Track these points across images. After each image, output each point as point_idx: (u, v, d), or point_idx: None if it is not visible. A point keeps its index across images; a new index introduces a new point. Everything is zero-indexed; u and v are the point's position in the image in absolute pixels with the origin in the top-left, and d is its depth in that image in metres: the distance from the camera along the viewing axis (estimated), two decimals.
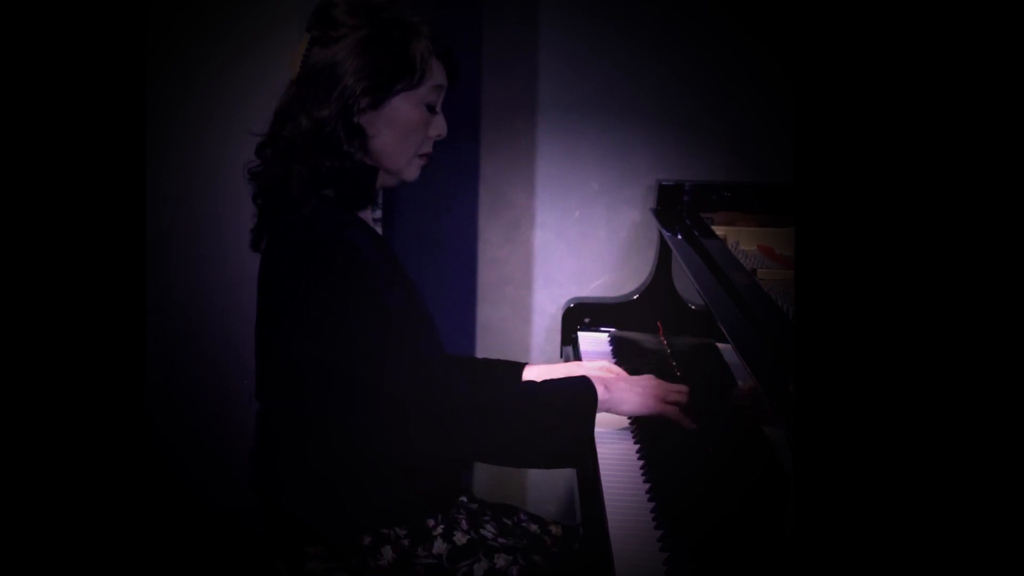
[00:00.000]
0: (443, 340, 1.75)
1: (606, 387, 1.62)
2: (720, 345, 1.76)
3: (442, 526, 1.60)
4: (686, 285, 2.13)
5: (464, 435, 1.52)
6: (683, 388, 1.69)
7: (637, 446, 1.71)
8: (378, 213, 1.74)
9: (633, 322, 2.37)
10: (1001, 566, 0.95)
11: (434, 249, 2.64)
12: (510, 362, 1.94)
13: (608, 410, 1.64)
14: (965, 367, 0.97)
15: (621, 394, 1.64)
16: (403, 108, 1.58)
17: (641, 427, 1.75)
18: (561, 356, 2.38)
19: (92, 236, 1.23)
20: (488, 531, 1.64)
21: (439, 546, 1.58)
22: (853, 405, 0.99)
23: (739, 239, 2.20)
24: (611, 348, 2.26)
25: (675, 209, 2.43)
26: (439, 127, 1.64)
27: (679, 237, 2.20)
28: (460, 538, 1.60)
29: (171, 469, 2.35)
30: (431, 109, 1.62)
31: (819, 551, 1.00)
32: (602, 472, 1.63)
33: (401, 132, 1.59)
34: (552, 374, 1.90)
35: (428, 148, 1.64)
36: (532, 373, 1.91)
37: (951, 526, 0.96)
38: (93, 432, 1.24)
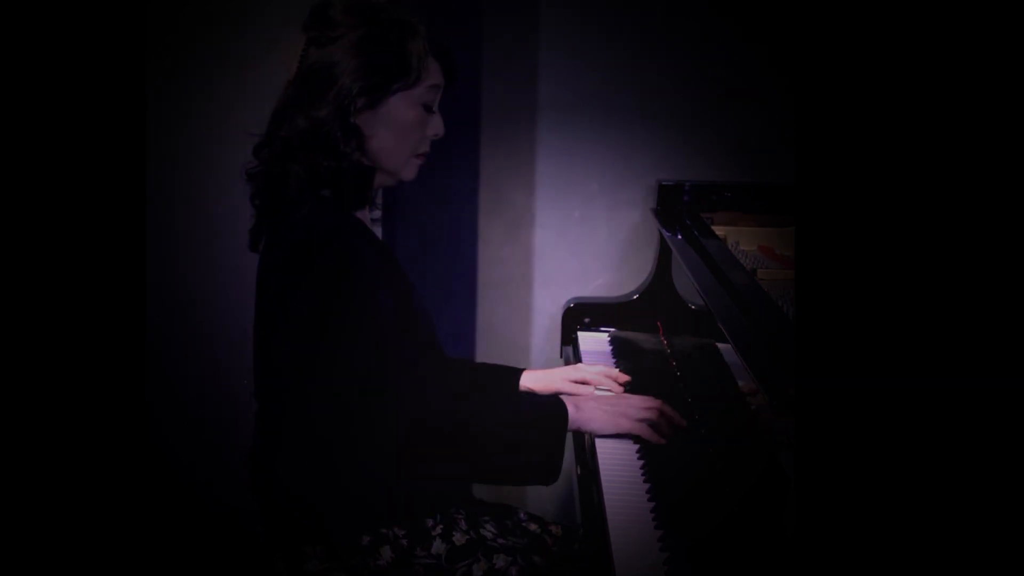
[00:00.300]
0: (443, 340, 1.75)
1: (576, 406, 1.64)
2: (720, 345, 1.76)
3: (441, 526, 1.60)
4: (686, 285, 2.13)
5: (439, 447, 1.53)
6: (654, 404, 1.70)
7: (637, 446, 1.71)
8: (377, 213, 1.74)
9: (633, 322, 2.37)
10: (1001, 566, 0.95)
11: (434, 249, 2.64)
12: (507, 368, 1.95)
13: (578, 429, 1.65)
14: (965, 367, 0.97)
15: (590, 413, 1.65)
16: (400, 108, 1.58)
17: None
18: (561, 356, 2.38)
19: (93, 236, 1.23)
20: (487, 531, 1.64)
21: (438, 546, 1.58)
22: (853, 405, 0.99)
23: (739, 239, 2.20)
24: (611, 348, 2.26)
25: (675, 209, 2.43)
26: (436, 127, 1.64)
27: (679, 237, 2.20)
28: (459, 538, 1.60)
29: (171, 469, 2.35)
30: (428, 109, 1.62)
31: (819, 551, 0.99)
32: (602, 472, 1.63)
33: (398, 132, 1.59)
34: (550, 379, 1.91)
35: (426, 148, 1.64)
36: (530, 379, 1.91)
37: (951, 526, 0.96)
38: (93, 432, 1.24)
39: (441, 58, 1.62)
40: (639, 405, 1.69)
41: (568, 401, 1.64)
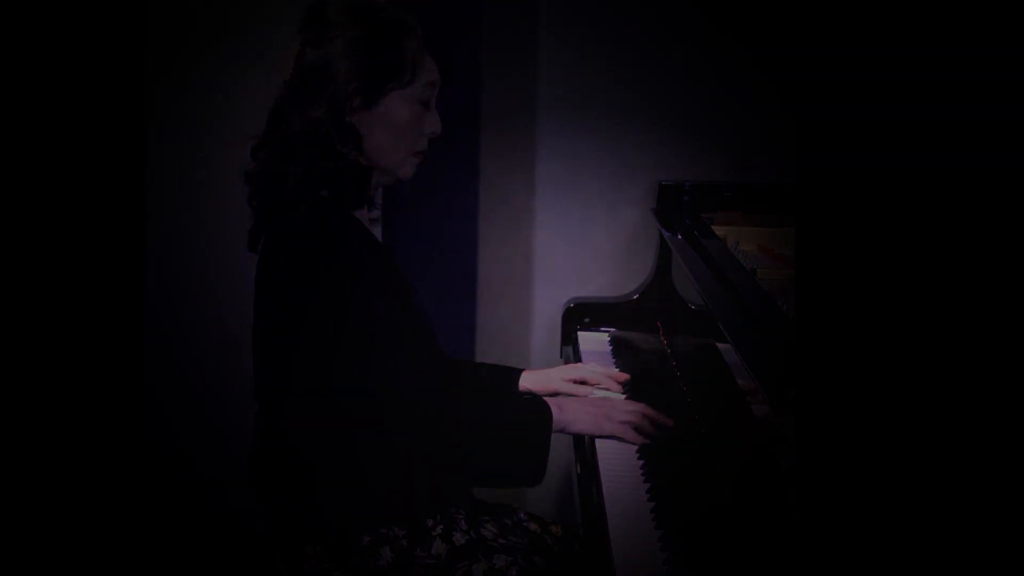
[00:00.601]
0: (443, 340, 1.75)
1: (560, 408, 1.65)
2: (720, 345, 1.77)
3: (441, 526, 1.60)
4: (686, 285, 2.13)
5: (428, 449, 1.53)
6: (637, 408, 1.70)
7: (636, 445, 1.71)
8: (376, 213, 1.74)
9: (633, 322, 2.37)
10: (1001, 565, 0.95)
11: (434, 249, 2.64)
12: (506, 368, 1.95)
13: (562, 430, 1.66)
14: (965, 366, 0.97)
15: (573, 414, 1.66)
16: (396, 106, 1.58)
17: None
18: (561, 356, 2.38)
19: (93, 238, 1.23)
20: (488, 531, 1.64)
21: (438, 546, 1.58)
22: (853, 405, 0.99)
23: (739, 239, 2.20)
24: (611, 348, 2.26)
25: (675, 209, 2.43)
26: (434, 125, 1.63)
27: (679, 237, 2.20)
28: (459, 538, 1.60)
29: (171, 469, 2.35)
30: (425, 107, 1.62)
31: (819, 551, 1.00)
32: (602, 472, 1.63)
33: (395, 130, 1.59)
34: (549, 379, 1.91)
35: (423, 146, 1.64)
36: (529, 379, 1.92)
37: (951, 525, 0.96)
38: (93, 432, 1.24)
39: (437, 55, 1.62)
40: (623, 408, 1.71)
41: (552, 403, 1.65)
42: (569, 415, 1.66)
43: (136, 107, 1.28)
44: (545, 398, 1.71)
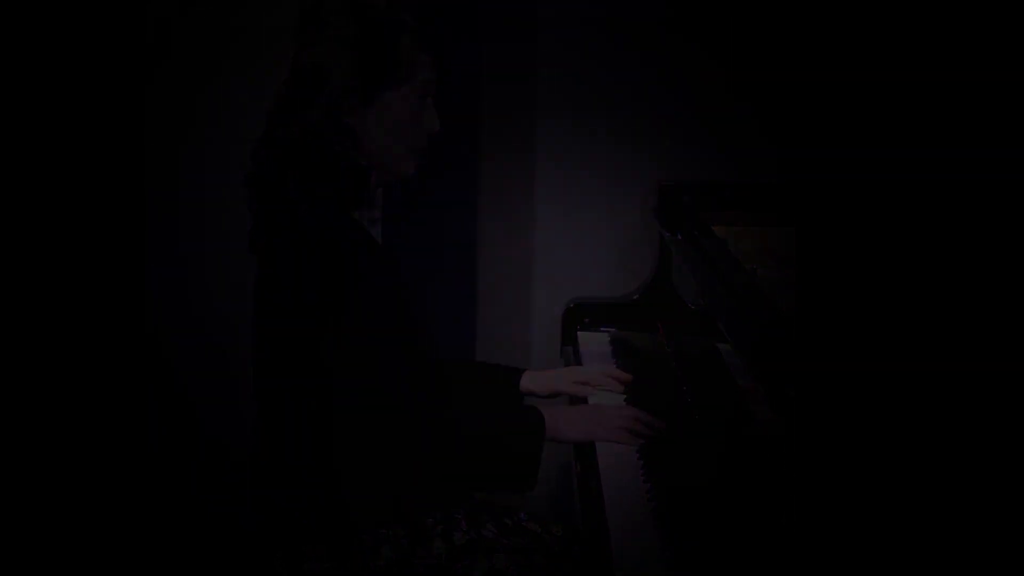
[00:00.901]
0: (443, 340, 1.75)
1: (553, 416, 1.65)
2: (720, 345, 1.77)
3: (441, 526, 1.60)
4: (686, 285, 2.13)
5: (421, 451, 1.53)
6: (628, 413, 1.71)
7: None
8: (376, 213, 1.74)
9: (633, 322, 2.37)
10: (1001, 563, 0.95)
11: (434, 249, 2.64)
12: (507, 369, 1.95)
13: (553, 438, 1.66)
14: (965, 366, 0.97)
15: (566, 422, 1.68)
16: (393, 105, 1.58)
17: None
18: (561, 356, 2.38)
19: (93, 240, 1.24)
20: (488, 531, 1.64)
21: (438, 546, 1.58)
22: (852, 405, 0.99)
23: (739, 239, 2.20)
24: (611, 348, 2.26)
25: (675, 209, 2.43)
26: (432, 122, 1.63)
27: (679, 237, 2.20)
28: (459, 538, 1.60)
29: (171, 469, 2.35)
30: (422, 104, 1.62)
31: (819, 550, 1.00)
32: (602, 472, 1.63)
33: (393, 129, 1.59)
34: (550, 380, 1.91)
35: (422, 143, 1.64)
36: (530, 379, 1.92)
37: (952, 525, 0.96)
38: (94, 433, 1.24)
39: (432, 52, 1.62)
40: (615, 414, 1.72)
41: (546, 410, 1.65)
42: (562, 423, 1.66)
43: (136, 109, 1.28)
44: (539, 405, 1.71)
